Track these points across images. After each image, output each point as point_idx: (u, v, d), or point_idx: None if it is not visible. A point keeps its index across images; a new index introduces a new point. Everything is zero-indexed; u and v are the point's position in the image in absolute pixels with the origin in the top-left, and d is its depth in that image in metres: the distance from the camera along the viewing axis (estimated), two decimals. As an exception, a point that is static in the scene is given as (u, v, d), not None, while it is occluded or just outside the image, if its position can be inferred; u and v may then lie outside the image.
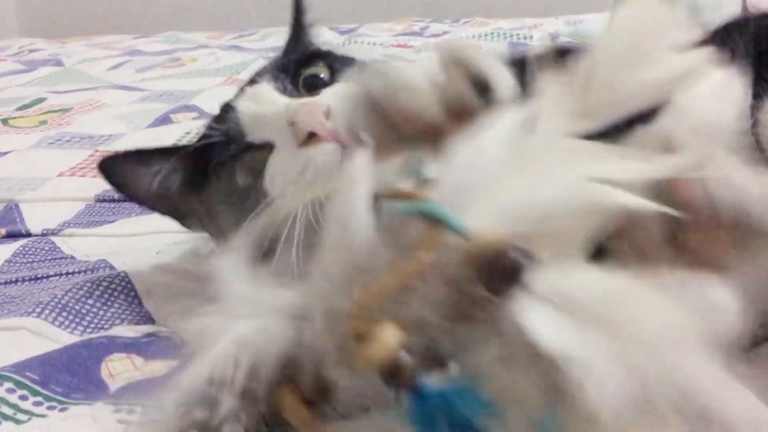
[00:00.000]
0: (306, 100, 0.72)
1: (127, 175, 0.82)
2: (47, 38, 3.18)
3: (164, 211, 0.88)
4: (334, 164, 0.67)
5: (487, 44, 2.30)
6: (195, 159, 0.80)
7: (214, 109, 0.83)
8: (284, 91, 0.75)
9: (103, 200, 1.21)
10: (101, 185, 1.27)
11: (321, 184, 0.64)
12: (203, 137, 0.79)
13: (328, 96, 0.72)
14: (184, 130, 1.54)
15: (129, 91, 1.96)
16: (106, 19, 3.79)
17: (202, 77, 2.10)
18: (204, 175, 0.79)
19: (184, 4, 3.78)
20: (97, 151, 1.44)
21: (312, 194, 0.61)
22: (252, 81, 0.80)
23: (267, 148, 0.73)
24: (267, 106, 0.73)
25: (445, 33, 2.65)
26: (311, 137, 0.68)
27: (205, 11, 3.74)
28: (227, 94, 1.87)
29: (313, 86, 0.76)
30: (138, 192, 0.83)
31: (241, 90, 0.80)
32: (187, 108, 1.73)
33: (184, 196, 0.83)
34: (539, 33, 2.41)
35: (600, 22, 1.99)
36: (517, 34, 2.43)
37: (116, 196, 1.21)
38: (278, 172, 0.72)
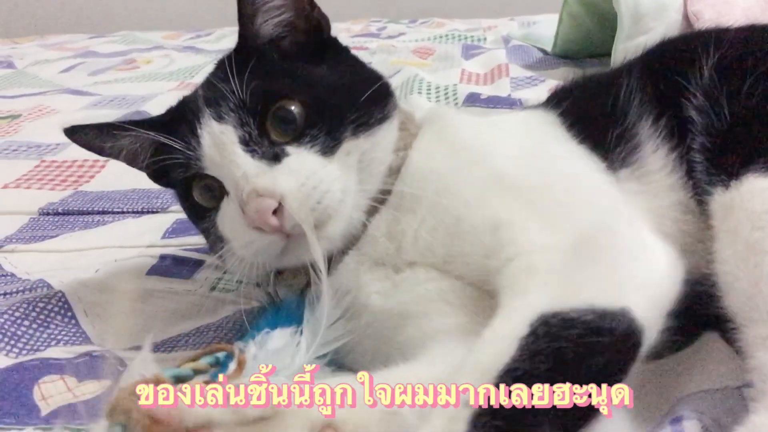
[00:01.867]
0: (261, 184, 0.67)
1: (93, 144, 0.83)
2: (1, 37, 3.14)
3: (137, 168, 0.87)
4: (273, 252, 0.70)
5: (442, 46, 2.33)
6: (157, 153, 0.79)
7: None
8: (248, 141, 0.71)
9: (47, 213, 1.21)
10: (46, 197, 1.27)
11: None
12: (162, 151, 0.76)
13: (285, 179, 0.68)
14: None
15: (80, 95, 1.95)
16: (63, 17, 3.73)
17: (156, 81, 2.10)
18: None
19: (141, 3, 3.74)
20: (43, 161, 1.43)
21: None
22: (213, 100, 0.73)
23: (223, 187, 0.73)
24: (227, 164, 0.70)
25: (401, 34, 2.67)
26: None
27: (163, 10, 3.71)
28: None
29: (283, 122, 0.71)
30: (107, 155, 0.84)
31: (199, 100, 0.74)
32: (138, 114, 1.72)
33: (151, 170, 0.85)
34: (493, 35, 2.44)
35: (552, 23, 2.03)
36: (472, 36, 2.45)
37: (60, 209, 1.22)
38: (228, 222, 0.73)
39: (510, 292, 0.60)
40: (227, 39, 2.68)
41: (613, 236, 0.62)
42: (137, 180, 1.30)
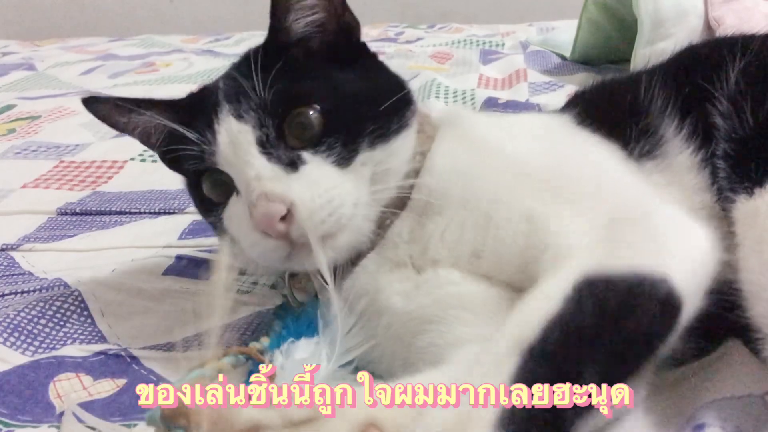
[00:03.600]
0: (273, 189, 0.66)
1: (109, 117, 0.82)
2: (22, 40, 3.17)
3: (150, 148, 0.86)
4: (278, 256, 0.69)
5: (460, 51, 2.32)
6: (171, 139, 0.77)
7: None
8: (265, 143, 0.70)
9: (65, 213, 1.21)
10: (64, 197, 1.28)
11: None
12: (176, 139, 0.75)
13: (300, 188, 0.67)
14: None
15: (99, 97, 1.96)
16: (83, 20, 3.77)
17: (175, 84, 2.10)
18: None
19: (161, 7, 3.77)
20: (62, 161, 1.44)
21: None
22: (234, 96, 0.72)
23: (233, 185, 0.73)
24: (241, 164, 0.70)
25: (419, 39, 2.67)
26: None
27: (182, 14, 3.73)
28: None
29: (302, 127, 0.71)
30: (121, 129, 0.83)
31: (219, 93, 0.73)
32: (157, 116, 1.74)
33: (163, 154, 0.83)
34: (511, 40, 2.43)
35: (571, 29, 2.02)
36: (490, 42, 2.45)
37: (78, 209, 1.22)
38: (234, 220, 0.73)
39: (550, 267, 0.60)
40: (246, 43, 2.69)
41: (647, 213, 0.64)
42: (154, 181, 1.33)
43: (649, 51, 1.64)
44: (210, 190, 0.76)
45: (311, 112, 0.71)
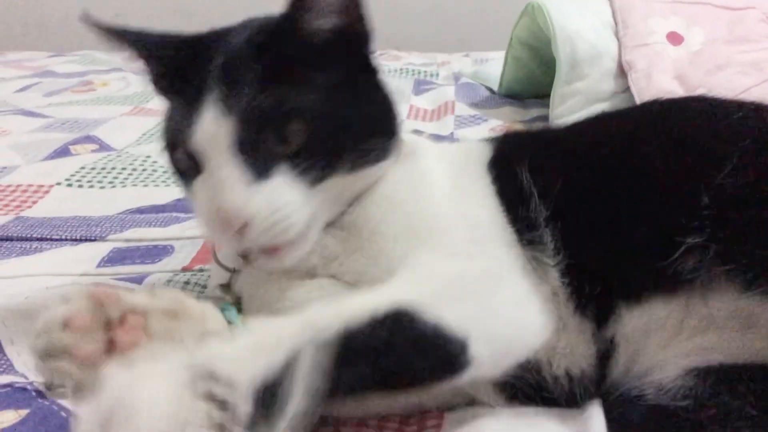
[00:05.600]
0: (233, 202, 0.68)
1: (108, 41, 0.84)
2: (-41, 52, 3.13)
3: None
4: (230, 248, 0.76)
5: (394, 81, 2.39)
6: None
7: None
8: (245, 144, 0.69)
9: (-17, 239, 1.22)
10: (-18, 224, 1.29)
11: None
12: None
13: (259, 203, 0.68)
14: (81, 164, 1.56)
15: (33, 117, 1.96)
16: (26, 32, 3.73)
17: (110, 105, 2.11)
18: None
19: (106, 21, 3.74)
20: (-14, 185, 1.45)
21: None
22: (227, 82, 0.70)
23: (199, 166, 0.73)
24: (216, 161, 0.70)
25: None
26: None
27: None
28: (131, 124, 1.87)
29: (283, 140, 0.69)
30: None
31: (214, 70, 0.71)
32: (89, 139, 1.75)
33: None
34: (446, 71, 2.51)
35: (501, 63, 2.09)
36: (425, 71, 2.52)
37: (-1, 234, 1.24)
38: (198, 199, 0.73)
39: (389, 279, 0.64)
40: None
41: (494, 283, 0.67)
42: (78, 207, 1.35)
43: (567, 90, 1.73)
44: (177, 161, 0.75)
45: (298, 127, 0.69)
